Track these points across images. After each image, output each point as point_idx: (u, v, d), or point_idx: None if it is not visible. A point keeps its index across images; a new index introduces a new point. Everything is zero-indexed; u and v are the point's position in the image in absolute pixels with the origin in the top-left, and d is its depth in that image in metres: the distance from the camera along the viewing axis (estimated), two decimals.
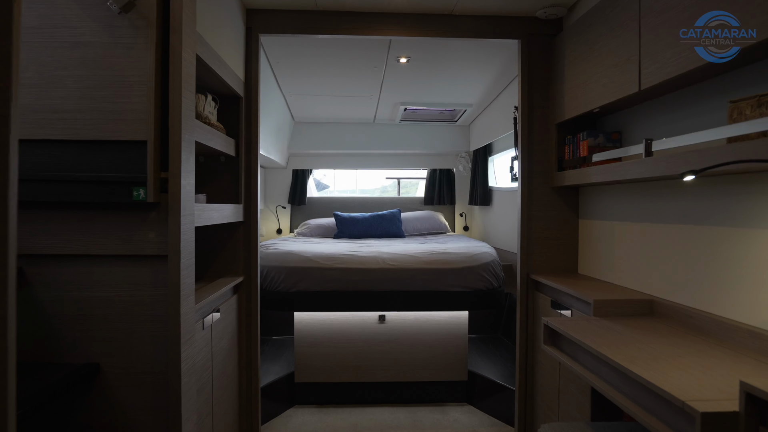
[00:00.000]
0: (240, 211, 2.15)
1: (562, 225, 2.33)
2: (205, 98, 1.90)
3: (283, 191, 4.61)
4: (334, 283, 2.60)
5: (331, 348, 2.72)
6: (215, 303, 1.85)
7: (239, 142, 2.16)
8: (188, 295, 1.29)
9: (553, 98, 2.26)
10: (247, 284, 2.22)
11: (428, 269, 2.61)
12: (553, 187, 2.31)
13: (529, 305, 2.30)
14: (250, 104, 2.22)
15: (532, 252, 2.32)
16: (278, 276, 2.60)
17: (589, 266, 2.24)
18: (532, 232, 2.32)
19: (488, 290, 2.65)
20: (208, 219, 1.69)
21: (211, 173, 2.21)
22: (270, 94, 3.20)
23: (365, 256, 2.69)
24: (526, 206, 2.31)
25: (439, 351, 2.75)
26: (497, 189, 3.98)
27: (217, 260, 2.20)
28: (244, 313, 2.21)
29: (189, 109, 1.29)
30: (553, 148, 2.28)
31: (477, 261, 2.67)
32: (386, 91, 3.39)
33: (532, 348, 2.29)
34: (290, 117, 4.16)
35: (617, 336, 1.42)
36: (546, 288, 2.18)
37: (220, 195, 2.19)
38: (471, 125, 4.46)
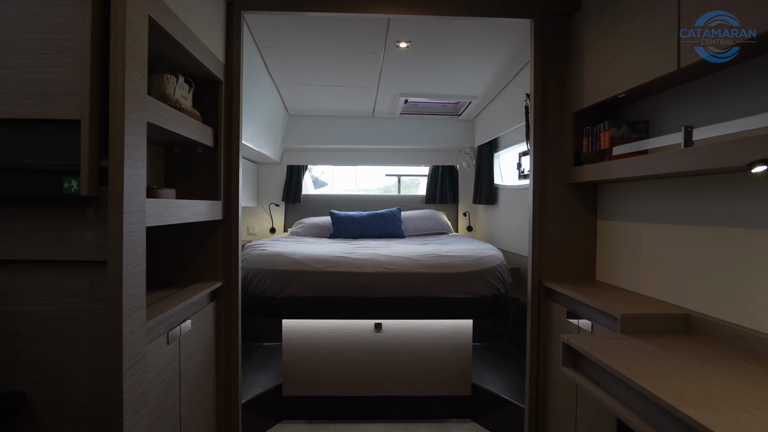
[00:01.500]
0: (218, 209, 1.92)
1: (578, 226, 2.09)
2: (175, 80, 1.67)
3: (277, 188, 4.38)
4: (326, 288, 2.37)
5: (323, 359, 2.49)
6: (185, 312, 1.62)
7: (218, 132, 1.93)
8: (135, 309, 1.06)
9: (569, 84, 2.02)
10: (227, 290, 1.99)
11: (429, 274, 2.38)
12: (569, 184, 2.08)
13: (541, 316, 2.07)
14: (231, 89, 1.98)
15: (545, 256, 2.08)
16: (264, 280, 2.38)
17: (608, 273, 2.00)
18: (545, 234, 2.08)
19: (495, 297, 2.42)
20: (174, 217, 1.46)
21: (187, 166, 1.98)
22: (260, 83, 2.97)
23: (360, 259, 2.46)
24: (539, 205, 2.08)
25: (441, 363, 2.52)
26: (503, 187, 3.74)
27: (193, 263, 1.97)
28: (223, 323, 1.99)
29: (137, 83, 1.06)
30: (569, 140, 2.04)
31: (483, 265, 2.43)
32: (385, 80, 3.15)
33: (545, 364, 2.06)
34: (284, 109, 3.92)
35: (654, 361, 1.18)
36: (560, 297, 1.94)
37: (197, 190, 1.97)
38: (476, 119, 4.22)
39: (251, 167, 4.13)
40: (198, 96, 1.93)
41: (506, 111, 3.34)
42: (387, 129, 4.22)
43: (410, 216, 4.13)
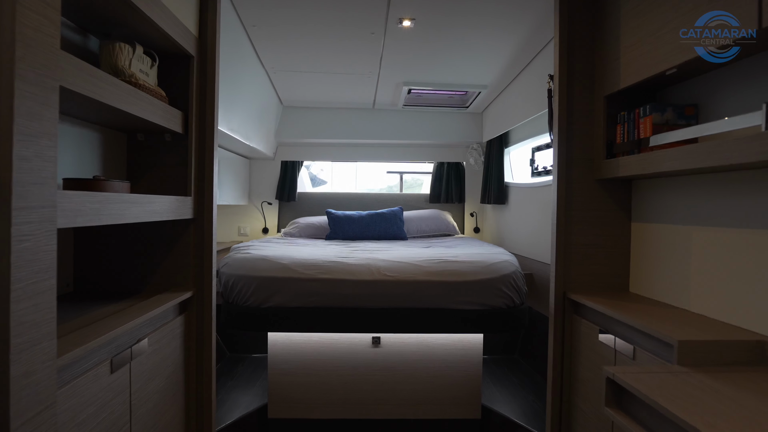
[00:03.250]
0: (188, 206, 1.63)
1: (609, 229, 1.80)
2: (131, 50, 1.39)
3: (271, 185, 4.09)
4: (317, 297, 2.08)
5: (313, 377, 2.21)
6: (140, 331, 1.34)
7: (189, 116, 1.65)
8: (35, 342, 0.77)
9: (601, 63, 1.73)
10: (199, 300, 1.70)
11: (434, 282, 2.09)
12: (599, 180, 1.78)
13: (566, 333, 1.77)
14: (206, 66, 1.70)
15: (570, 264, 1.79)
16: (247, 287, 2.09)
17: (645, 284, 1.70)
18: (571, 238, 1.79)
19: (509, 309, 2.13)
20: (119, 215, 1.18)
21: (153, 156, 1.70)
22: (248, 68, 2.69)
23: (356, 264, 2.17)
24: (564, 205, 1.78)
25: (447, 382, 2.23)
26: (514, 185, 3.45)
27: (159, 271, 1.69)
28: (195, 339, 1.70)
29: (42, 32, 0.78)
30: (600, 129, 1.74)
31: (495, 272, 2.14)
32: (387, 66, 2.86)
33: (569, 389, 1.76)
34: (277, 100, 3.64)
35: (736, 409, 0.89)
36: (590, 312, 1.65)
37: (165, 185, 1.68)
38: (484, 112, 3.92)
39: (242, 163, 3.85)
40: (166, 75, 1.64)
41: (519, 101, 3.04)
42: (388, 122, 3.93)
43: (413, 216, 3.84)
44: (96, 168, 1.55)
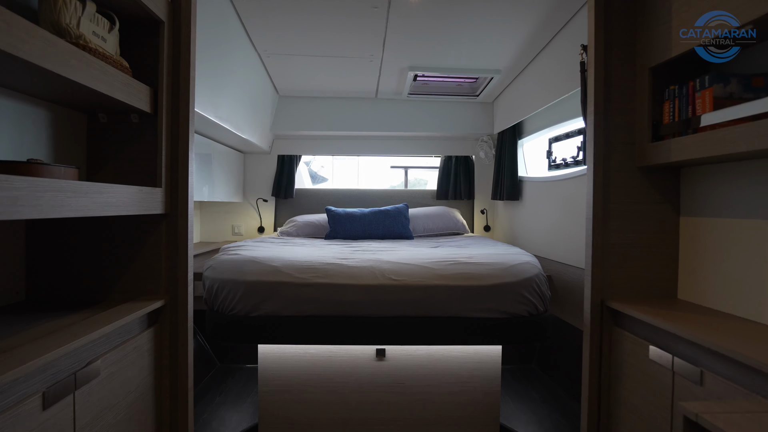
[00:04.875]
0: (158, 199, 1.38)
1: (654, 225, 1.53)
2: (81, 6, 1.13)
3: (267, 181, 3.84)
4: (313, 304, 1.82)
5: (310, 394, 1.95)
6: (89, 352, 1.09)
7: (159, 92, 1.39)
8: None
9: (645, 28, 1.46)
10: (173, 310, 1.45)
11: (446, 287, 1.83)
12: (642, 168, 1.52)
13: (603, 349, 1.51)
14: (179, 34, 1.44)
15: (609, 267, 1.52)
16: (233, 294, 1.83)
17: (699, 290, 1.44)
18: (609, 236, 1.52)
19: (532, 317, 1.86)
20: (53, 208, 0.92)
21: (118, 141, 1.45)
22: (238, 50, 2.43)
23: (358, 267, 1.91)
24: (601, 198, 1.52)
25: (461, 400, 1.96)
26: (529, 180, 3.18)
27: (125, 276, 1.43)
28: (167, 356, 1.45)
29: None
30: (644, 107, 1.48)
31: (516, 275, 1.87)
32: (391, 49, 2.60)
33: (608, 417, 1.49)
34: (272, 89, 3.38)
35: None
36: (635, 324, 1.38)
37: (132, 174, 1.43)
38: (495, 101, 3.65)
39: (236, 157, 3.60)
40: (133, 44, 1.39)
41: (535, 87, 2.77)
42: (392, 113, 3.66)
43: (419, 214, 3.57)
44: (44, 153, 1.30)
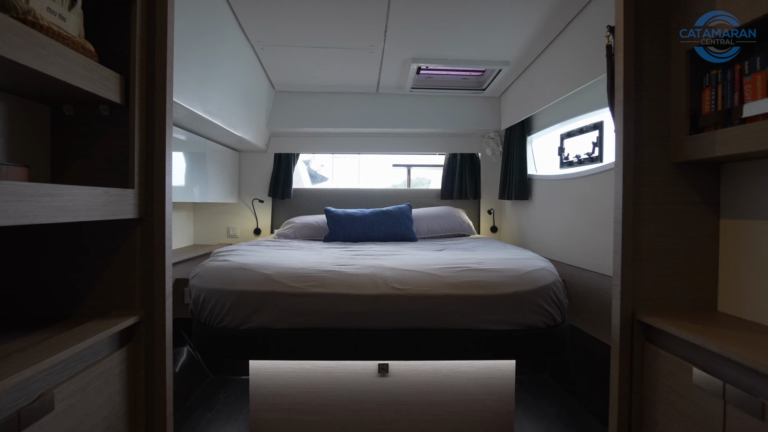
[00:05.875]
0: (129, 202, 1.21)
1: (690, 229, 1.36)
2: None
3: (263, 181, 3.67)
4: (309, 316, 1.66)
5: (306, 414, 1.79)
6: (42, 383, 0.92)
7: (131, 81, 1.23)
8: None
9: (683, 5, 1.29)
10: (148, 327, 1.29)
11: (456, 296, 1.66)
12: (678, 164, 1.35)
13: (635, 369, 1.33)
14: (154, 13, 1.28)
15: (639, 276, 1.35)
16: (221, 305, 1.67)
17: (743, 302, 1.26)
18: (640, 241, 1.35)
19: (549, 328, 1.69)
20: None
21: (88, 136, 1.28)
22: (229, 40, 2.27)
23: (358, 275, 1.74)
24: (631, 198, 1.35)
25: (471, 419, 1.80)
26: (539, 178, 3.01)
27: (94, 288, 1.27)
28: (143, 378, 1.28)
29: None
30: (680, 94, 1.30)
31: (531, 282, 1.71)
32: (393, 38, 2.43)
33: None
34: (267, 83, 3.21)
35: None
36: (673, 342, 1.21)
37: (104, 173, 1.27)
38: (503, 96, 3.47)
39: (231, 156, 3.43)
40: (101, 26, 1.23)
41: (546, 79, 2.60)
42: (394, 109, 3.49)
43: (423, 214, 3.40)
44: None
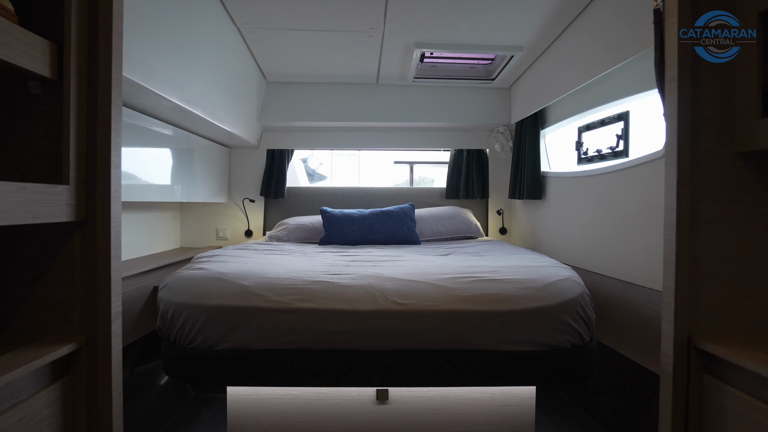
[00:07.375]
0: (62, 201, 0.97)
1: (762, 235, 1.10)
2: None
3: (255, 179, 3.43)
4: (295, 336, 1.41)
5: None
6: None
7: (63, 50, 0.98)
8: None
9: None
10: (91, 355, 1.04)
11: (467, 312, 1.41)
12: (746, 154, 1.09)
13: (691, 408, 1.08)
14: None
15: (697, 292, 1.10)
16: (192, 321, 1.43)
17: None
18: (699, 250, 1.10)
19: (574, 348, 1.44)
20: None
21: (14, 119, 1.04)
22: (211, 21, 2.02)
23: (353, 286, 1.49)
24: (687, 196, 1.09)
25: None
26: (554, 175, 2.75)
27: (24, 308, 1.03)
28: (84, 417, 1.04)
29: None
30: (750, 67, 1.05)
31: (555, 296, 1.46)
32: (394, 20, 2.18)
33: None
34: (258, 73, 2.97)
35: None
36: (743, 377, 0.96)
37: (37, 164, 1.03)
38: (513, 86, 3.22)
39: (220, 152, 3.19)
40: None
41: (563, 66, 2.35)
42: (396, 101, 3.24)
43: (427, 215, 3.15)
44: None
